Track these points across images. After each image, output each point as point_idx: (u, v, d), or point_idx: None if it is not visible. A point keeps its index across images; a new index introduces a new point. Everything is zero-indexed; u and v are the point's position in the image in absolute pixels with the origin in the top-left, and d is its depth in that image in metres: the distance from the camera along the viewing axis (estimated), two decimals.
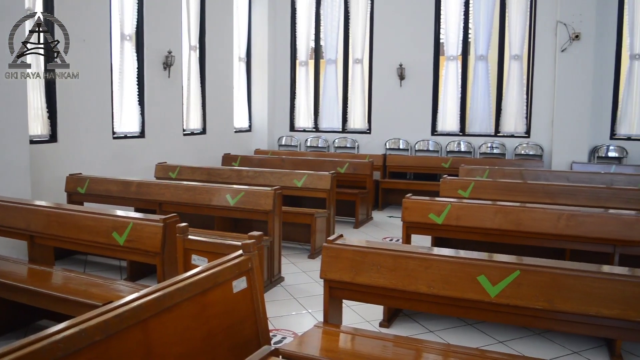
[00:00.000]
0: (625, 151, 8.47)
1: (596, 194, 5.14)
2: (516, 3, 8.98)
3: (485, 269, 2.56)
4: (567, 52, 8.42)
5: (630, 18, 8.54)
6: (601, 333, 2.59)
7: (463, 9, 9.31)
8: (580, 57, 8.38)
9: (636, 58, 8.57)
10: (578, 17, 8.32)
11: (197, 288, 2.24)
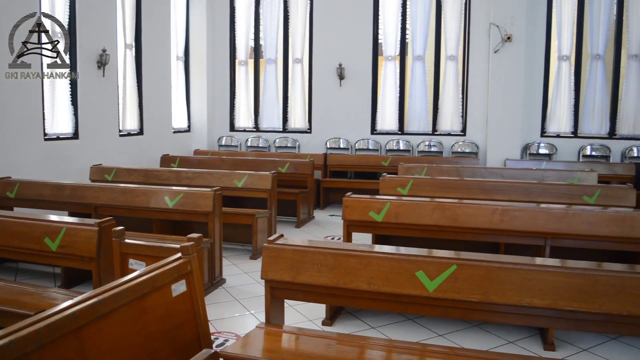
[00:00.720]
0: (554, 148, 8.86)
1: (528, 190, 5.34)
2: (451, 5, 9.22)
3: (423, 264, 2.61)
4: (500, 53, 8.71)
5: (558, 21, 8.93)
6: (534, 322, 2.69)
7: (400, 10, 9.47)
8: (512, 58, 8.69)
9: (564, 59, 8.96)
10: (510, 19, 8.62)
11: (134, 293, 2.18)
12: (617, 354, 3.74)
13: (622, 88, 8.91)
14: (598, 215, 4.02)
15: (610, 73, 8.98)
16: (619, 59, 8.93)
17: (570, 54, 8.97)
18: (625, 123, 8.92)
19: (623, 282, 2.42)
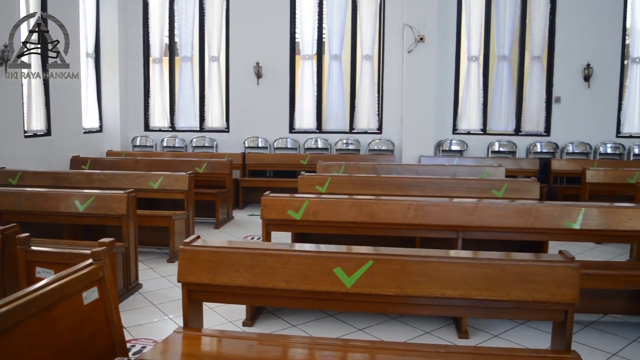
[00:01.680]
0: (465, 144, 9.25)
1: (441, 185, 5.54)
2: (367, 6, 9.39)
3: (340, 261, 2.64)
4: (413, 53, 8.97)
5: (467, 23, 9.31)
6: (448, 312, 2.79)
7: (317, 10, 9.55)
8: (424, 58, 8.97)
9: (473, 60, 9.37)
10: (422, 20, 8.90)
11: (42, 303, 2.06)
12: (526, 338, 3.96)
13: (526, 87, 9.44)
14: (505, 208, 4.22)
15: (515, 73, 9.49)
16: (523, 60, 9.46)
17: (479, 54, 9.39)
18: (530, 120, 9.46)
19: (528, 270, 2.56)
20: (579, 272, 2.55)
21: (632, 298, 4.42)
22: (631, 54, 9.41)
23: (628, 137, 9.41)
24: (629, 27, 9.36)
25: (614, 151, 9.29)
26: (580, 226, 4.20)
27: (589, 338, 4.03)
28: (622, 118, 9.43)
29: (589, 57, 9.15)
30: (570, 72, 9.24)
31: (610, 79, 9.27)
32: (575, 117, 9.27)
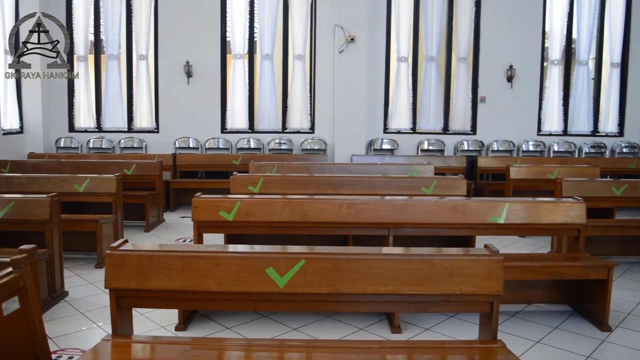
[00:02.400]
0: (396, 143, 9.44)
1: (373, 183, 5.63)
2: (298, 6, 9.41)
3: (272, 261, 2.63)
4: (344, 54, 9.07)
5: (397, 25, 9.50)
6: (380, 308, 2.84)
7: (248, 9, 9.48)
8: (355, 59, 9.09)
9: (402, 60, 9.57)
10: (353, 21, 9.00)
11: None
12: (456, 329, 4.08)
13: (453, 88, 9.75)
14: (434, 205, 4.34)
15: (443, 74, 9.79)
16: (450, 61, 9.76)
17: (408, 55, 9.60)
18: (457, 120, 9.77)
19: (455, 265, 2.63)
20: (503, 265, 2.65)
21: (554, 288, 4.65)
22: (550, 57, 9.90)
23: (548, 135, 9.90)
24: (547, 31, 9.85)
25: (535, 148, 9.75)
26: (504, 220, 4.37)
27: (515, 327, 4.21)
28: (543, 117, 9.91)
29: (512, 59, 9.56)
30: (494, 73, 9.62)
31: (531, 80, 9.73)
32: (499, 116, 9.66)
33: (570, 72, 10.04)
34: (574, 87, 10.00)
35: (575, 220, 4.46)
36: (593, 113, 10.13)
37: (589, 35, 9.90)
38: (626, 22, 9.93)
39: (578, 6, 9.81)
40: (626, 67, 10.02)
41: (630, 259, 6.28)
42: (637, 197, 6.26)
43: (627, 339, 4.06)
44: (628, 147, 9.97)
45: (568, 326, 4.27)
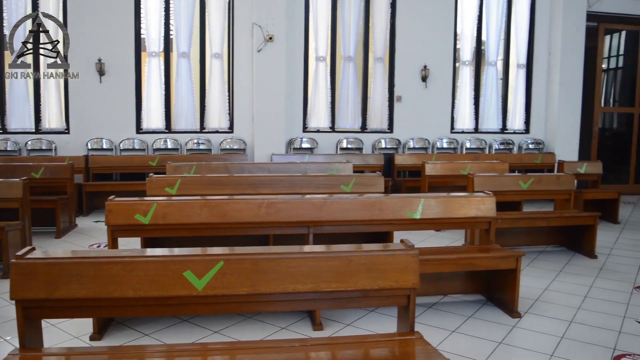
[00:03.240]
0: (315, 142, 9.51)
1: (292, 182, 5.64)
2: (215, 3, 9.26)
3: (190, 263, 2.57)
4: (263, 53, 9.02)
5: (315, 25, 9.57)
6: (300, 307, 2.85)
7: (164, 6, 9.21)
8: (274, 58, 9.06)
9: (320, 60, 9.64)
10: (271, 20, 8.98)
11: None
12: (376, 324, 4.17)
13: (371, 87, 9.94)
14: (353, 202, 4.40)
15: (360, 73, 9.95)
16: (367, 60, 9.94)
17: (326, 55, 9.69)
18: (374, 118, 9.98)
19: (373, 260, 2.69)
20: (418, 259, 2.73)
21: (468, 279, 4.84)
22: (461, 57, 10.31)
23: (461, 132, 10.31)
24: (459, 33, 10.25)
25: (449, 146, 10.12)
26: (420, 216, 4.51)
27: (432, 318, 4.35)
28: (455, 115, 10.31)
29: (426, 60, 9.88)
30: (409, 73, 9.90)
31: (444, 79, 10.09)
32: (414, 115, 9.95)
33: (480, 72, 10.50)
34: (484, 87, 10.48)
35: (486, 213, 4.67)
36: (502, 111, 10.65)
37: (497, 38, 10.40)
38: (530, 26, 10.51)
39: (487, 10, 10.28)
40: (531, 68, 10.61)
41: (537, 248, 6.66)
42: (542, 190, 6.66)
43: (535, 323, 4.31)
44: (534, 143, 10.56)
45: (481, 315, 4.47)
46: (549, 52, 10.53)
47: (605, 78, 11.85)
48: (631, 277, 5.58)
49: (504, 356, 3.75)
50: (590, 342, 3.97)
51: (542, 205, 9.04)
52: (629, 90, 11.66)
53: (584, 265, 6.01)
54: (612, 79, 12.13)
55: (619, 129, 12.22)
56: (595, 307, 4.70)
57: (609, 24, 11.02)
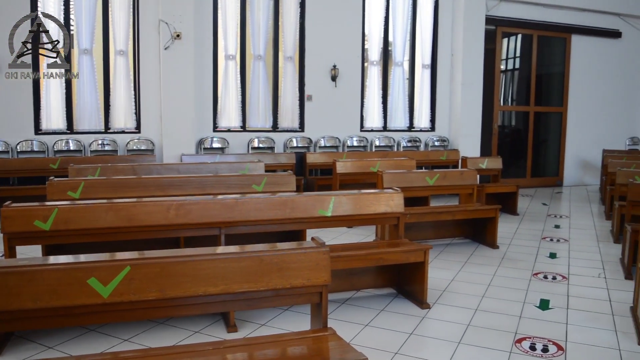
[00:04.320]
0: (226, 142, 9.39)
1: (203, 183, 5.55)
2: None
3: (94, 270, 2.47)
4: (170, 50, 8.79)
5: (224, 23, 9.44)
6: (213, 309, 2.80)
7: (63, 0, 8.73)
8: (182, 56, 8.86)
9: (230, 58, 9.53)
10: (178, 17, 8.76)
11: None
12: (291, 322, 4.18)
13: (281, 86, 9.94)
14: (264, 202, 4.40)
15: (270, 72, 9.93)
16: (277, 59, 9.93)
17: (236, 53, 9.59)
18: (285, 117, 10.00)
19: (284, 259, 2.70)
20: (329, 256, 2.77)
21: (379, 273, 4.98)
22: (369, 58, 10.55)
23: (370, 131, 10.56)
24: (367, 33, 10.48)
25: (359, 144, 10.33)
26: (331, 213, 4.58)
27: (345, 313, 4.43)
28: (365, 114, 10.54)
29: (335, 59, 10.02)
30: (319, 73, 10.01)
31: (353, 79, 10.29)
32: (325, 113, 10.07)
33: (387, 72, 10.79)
34: (391, 86, 10.78)
35: (395, 209, 4.82)
36: (408, 110, 11.01)
37: (403, 39, 10.74)
38: (434, 28, 10.95)
39: (393, 12, 10.58)
40: (435, 69, 11.05)
41: (444, 241, 6.95)
42: (447, 185, 6.96)
43: (443, 313, 4.50)
44: (439, 140, 11.00)
45: (393, 307, 4.61)
46: (452, 53, 11.01)
47: (504, 78, 12.55)
48: (530, 265, 5.94)
49: (415, 346, 3.88)
50: (494, 328, 4.19)
51: (447, 200, 9.44)
52: (525, 90, 12.42)
53: (487, 255, 6.34)
54: (510, 80, 12.87)
55: (516, 126, 12.99)
56: (498, 295, 4.97)
57: (506, 28, 11.68)
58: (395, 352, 3.75)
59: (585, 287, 5.22)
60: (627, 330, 4.18)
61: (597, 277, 5.55)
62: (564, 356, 3.73)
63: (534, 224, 8.18)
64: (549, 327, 4.24)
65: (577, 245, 6.92)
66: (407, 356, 3.71)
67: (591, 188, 12.16)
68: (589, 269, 5.86)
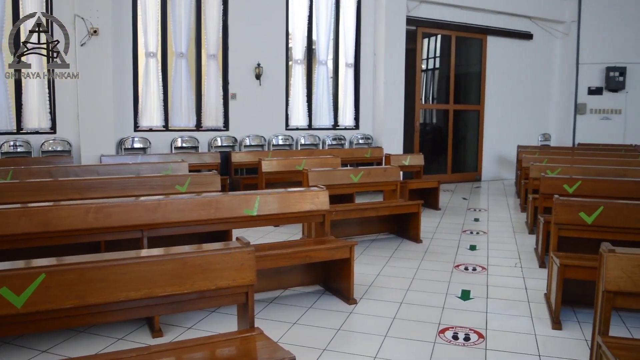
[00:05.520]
0: (148, 142, 9.12)
1: (124, 184, 5.37)
2: None
3: (6, 279, 2.33)
4: (87, 47, 8.45)
5: (144, 19, 9.16)
6: (136, 314, 2.73)
7: None
8: (100, 52, 8.52)
9: (151, 56, 9.27)
10: (95, 12, 8.42)
11: None
12: (218, 324, 4.14)
13: (205, 85, 9.78)
14: (188, 202, 4.32)
15: (193, 70, 9.74)
16: (200, 57, 9.76)
17: (157, 51, 9.34)
18: (209, 116, 9.85)
19: (208, 260, 2.66)
20: (254, 256, 2.76)
21: (307, 271, 5.01)
22: (294, 56, 10.58)
23: (295, 129, 10.59)
24: (291, 32, 10.50)
25: (284, 142, 10.34)
26: (257, 212, 4.56)
27: (273, 313, 4.43)
28: (290, 113, 10.55)
29: (259, 57, 9.96)
30: (243, 71, 9.92)
31: (277, 77, 10.28)
32: (250, 112, 10.00)
33: (312, 71, 10.85)
34: (316, 85, 10.85)
35: (320, 206, 4.86)
36: (333, 109, 11.13)
37: (327, 38, 10.84)
38: (357, 28, 11.11)
39: (316, 11, 10.66)
40: (359, 68, 11.22)
41: (370, 237, 7.09)
42: (371, 182, 7.09)
43: (370, 308, 4.59)
44: (363, 138, 11.19)
45: (320, 304, 4.65)
46: (374, 53, 11.22)
47: (425, 77, 12.93)
48: (451, 258, 6.17)
49: (342, 342, 3.94)
50: (418, 320, 4.33)
51: (373, 197, 9.62)
52: (445, 88, 12.86)
53: (411, 249, 6.52)
54: (431, 79, 13.28)
55: (437, 124, 13.43)
56: (422, 287, 5.13)
57: (426, 28, 12.03)
58: (323, 349, 3.78)
59: (503, 277, 5.48)
60: (542, 316, 4.42)
61: (514, 267, 5.83)
62: (484, 343, 3.90)
63: (454, 218, 8.49)
64: (470, 316, 4.42)
65: (495, 237, 7.24)
66: (335, 352, 3.76)
67: (507, 182, 12.76)
68: (506, 259, 6.15)
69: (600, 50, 13.33)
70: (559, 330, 4.15)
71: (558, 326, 4.17)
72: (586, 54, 13.48)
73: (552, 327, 4.19)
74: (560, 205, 4.56)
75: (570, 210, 4.51)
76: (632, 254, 2.86)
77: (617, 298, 2.88)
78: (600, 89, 13.48)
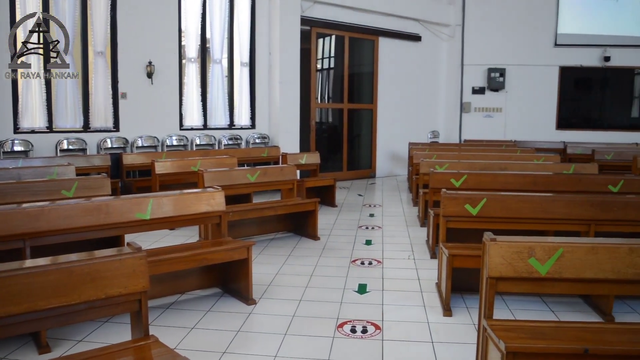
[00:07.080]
0: (31, 144, 8.52)
1: (3, 190, 4.98)
2: None
3: None
4: None
5: (23, 13, 8.51)
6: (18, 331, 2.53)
7: None
8: None
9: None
10: None
11: None
12: (112, 334, 3.94)
13: (92, 83, 9.29)
14: (75, 208, 4.09)
15: (79, 68, 9.21)
16: (87, 55, 9.25)
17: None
18: (98, 116, 9.37)
19: (97, 268, 2.54)
20: (146, 261, 2.67)
21: (204, 273, 4.92)
22: (187, 54, 10.32)
23: (190, 129, 10.35)
24: (184, 29, 10.23)
25: (179, 143, 10.07)
26: (150, 216, 4.42)
27: (170, 319, 4.32)
28: (184, 112, 10.29)
29: (150, 55, 9.63)
30: (133, 69, 9.54)
31: (170, 76, 9.98)
32: (142, 112, 9.64)
33: (206, 69, 10.65)
34: (210, 84, 10.67)
35: (216, 207, 4.80)
36: (229, 108, 11.00)
37: (221, 36, 10.68)
38: (252, 27, 11.05)
39: (210, 8, 10.46)
40: (254, 67, 11.17)
41: (268, 236, 7.10)
42: (268, 181, 7.10)
43: (269, 307, 4.60)
44: (260, 137, 11.16)
45: (219, 307, 4.60)
46: (269, 52, 11.21)
47: (320, 77, 13.12)
48: (348, 253, 6.31)
49: (242, 343, 3.92)
50: (317, 316, 4.39)
51: (271, 196, 9.62)
52: (339, 88, 13.12)
53: (309, 247, 6.60)
54: (326, 78, 13.49)
55: (333, 122, 13.68)
56: (320, 284, 5.21)
57: (320, 29, 12.20)
58: (223, 352, 3.74)
59: (398, 269, 5.70)
60: (434, 305, 4.65)
61: (407, 259, 6.08)
62: (381, 334, 4.03)
63: (351, 214, 8.70)
64: (367, 309, 4.55)
65: (389, 231, 7.51)
66: (234, 354, 3.73)
67: (400, 178, 13.26)
68: (400, 252, 6.40)
69: (483, 52, 14.25)
70: (450, 317, 4.38)
71: (449, 313, 4.41)
72: (470, 55, 14.34)
73: (443, 314, 4.42)
74: (448, 199, 4.80)
75: (457, 202, 4.77)
76: (511, 241, 3.07)
77: (499, 283, 3.08)
78: (483, 89, 14.41)
